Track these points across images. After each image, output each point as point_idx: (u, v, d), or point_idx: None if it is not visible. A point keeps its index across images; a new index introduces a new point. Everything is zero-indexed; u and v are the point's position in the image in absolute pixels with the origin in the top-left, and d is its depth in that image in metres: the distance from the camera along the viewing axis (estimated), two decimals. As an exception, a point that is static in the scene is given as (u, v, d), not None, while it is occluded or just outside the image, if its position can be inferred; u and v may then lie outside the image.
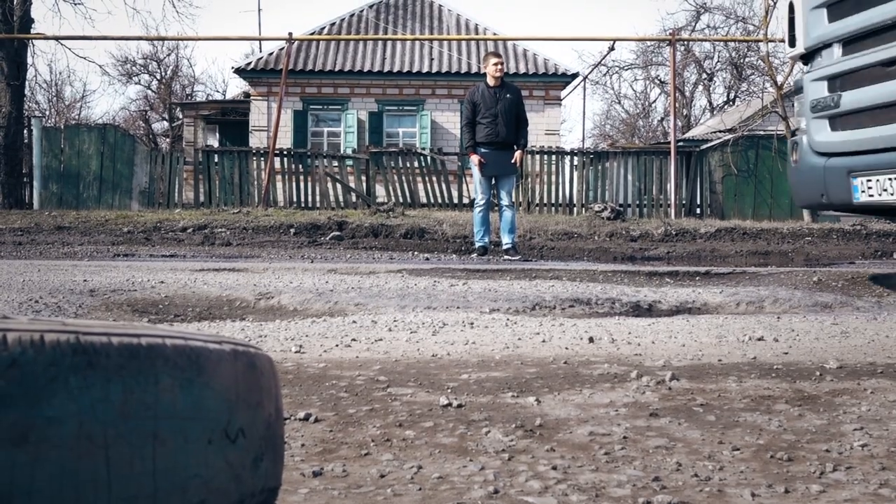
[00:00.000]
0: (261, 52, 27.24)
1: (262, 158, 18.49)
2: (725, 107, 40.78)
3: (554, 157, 19.16)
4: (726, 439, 2.19)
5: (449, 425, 2.32)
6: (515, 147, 10.22)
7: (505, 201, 10.36)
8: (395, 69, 25.40)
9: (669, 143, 19.23)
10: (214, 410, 1.09)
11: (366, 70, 25.19)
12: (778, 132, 19.34)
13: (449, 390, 2.74)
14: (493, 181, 10.30)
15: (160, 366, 1.03)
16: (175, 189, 19.08)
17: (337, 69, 25.28)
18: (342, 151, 23.23)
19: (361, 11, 27.76)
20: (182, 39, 38.96)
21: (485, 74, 10.51)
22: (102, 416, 0.95)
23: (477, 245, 10.46)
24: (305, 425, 2.32)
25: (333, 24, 27.11)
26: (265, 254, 9.93)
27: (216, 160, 18.77)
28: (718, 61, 41.20)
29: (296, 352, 3.46)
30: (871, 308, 5.16)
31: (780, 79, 19.69)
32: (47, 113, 41.11)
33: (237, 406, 1.13)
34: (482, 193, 10.30)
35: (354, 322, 4.34)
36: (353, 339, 3.76)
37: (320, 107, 25.68)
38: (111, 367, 0.97)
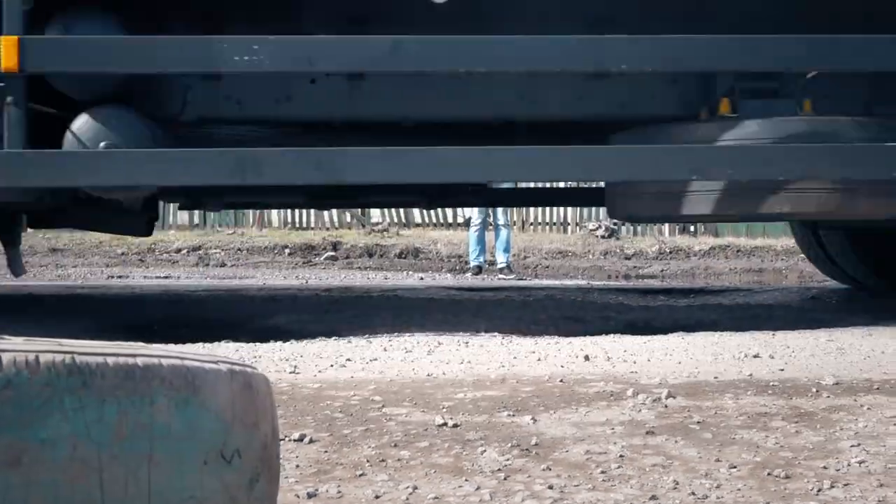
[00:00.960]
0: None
1: (256, 179, 18.44)
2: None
3: (548, 175, 19.15)
4: (723, 457, 2.19)
5: (444, 445, 2.31)
6: None
7: (500, 220, 10.37)
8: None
9: (663, 161, 19.26)
10: (210, 431, 1.09)
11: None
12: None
13: (444, 410, 2.73)
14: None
15: (156, 386, 1.02)
16: (169, 210, 19.05)
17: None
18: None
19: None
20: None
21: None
22: (97, 437, 0.95)
23: (472, 264, 10.46)
24: (300, 446, 2.31)
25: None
26: (260, 274, 9.92)
27: (210, 181, 18.74)
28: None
29: (290, 372, 3.45)
30: (865, 324, 5.16)
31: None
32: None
33: (233, 427, 1.13)
34: (478, 213, 10.31)
35: (349, 342, 4.33)
36: (348, 359, 3.75)
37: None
38: (106, 387, 0.97)
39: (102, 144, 4.32)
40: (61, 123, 4.49)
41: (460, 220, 18.33)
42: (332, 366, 3.61)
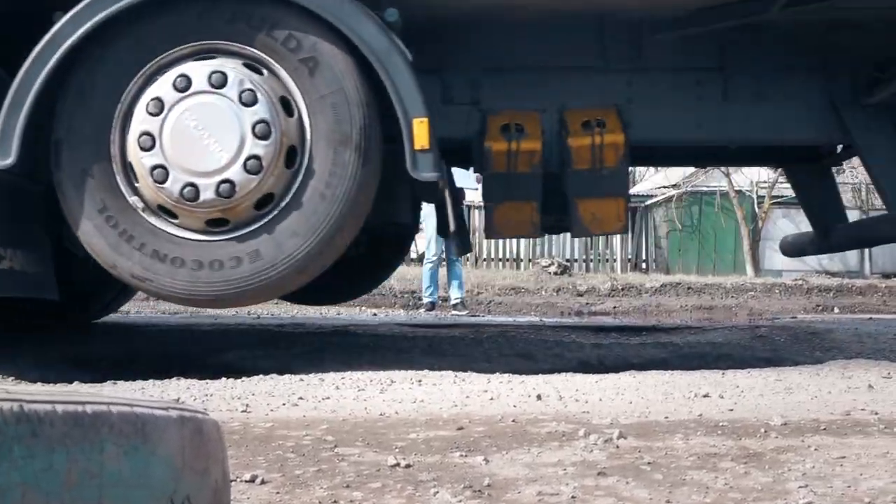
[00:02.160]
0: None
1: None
2: (669, 163, 41.37)
3: (501, 212, 19.25)
4: (673, 498, 2.20)
5: (397, 486, 2.30)
6: None
7: (454, 256, 10.40)
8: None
9: (615, 198, 19.45)
10: (160, 478, 1.08)
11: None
12: (721, 188, 19.68)
13: (397, 450, 2.72)
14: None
15: (105, 433, 1.01)
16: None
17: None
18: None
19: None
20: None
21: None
22: (46, 486, 0.94)
23: (425, 300, 10.47)
24: (252, 487, 2.29)
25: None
26: (211, 310, 9.83)
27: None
28: (662, 118, 41.89)
29: (242, 411, 3.42)
30: (813, 363, 5.23)
31: (722, 136, 20.07)
32: None
33: (183, 473, 1.12)
34: (434, 249, 10.34)
35: (301, 380, 4.30)
36: (301, 398, 3.72)
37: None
38: (55, 435, 0.96)
39: None
40: None
41: (414, 255, 18.36)
42: (284, 404, 3.58)
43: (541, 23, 5.01)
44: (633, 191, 32.35)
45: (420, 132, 4.14)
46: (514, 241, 19.19)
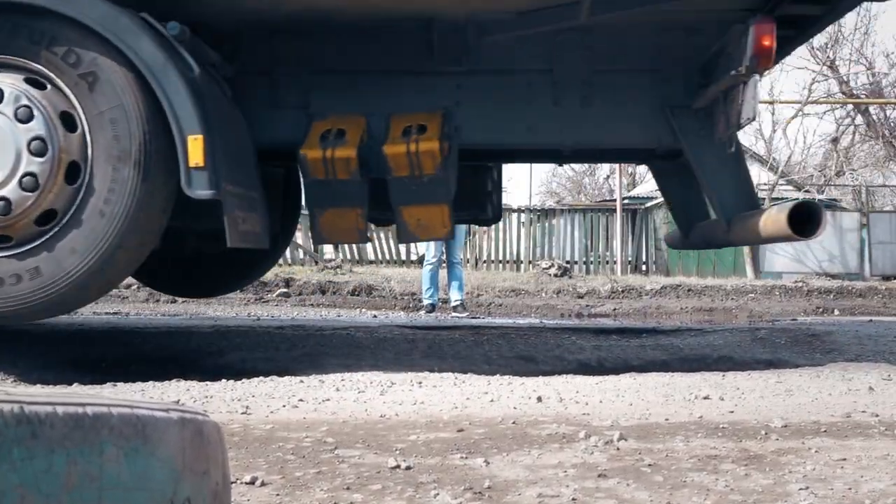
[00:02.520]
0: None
1: (209, 214, 18.33)
2: (669, 165, 41.35)
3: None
4: (674, 500, 2.20)
5: (397, 488, 2.30)
6: None
7: (455, 258, 10.40)
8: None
9: (615, 200, 19.48)
10: (160, 480, 1.07)
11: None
12: (721, 190, 19.64)
13: (397, 452, 2.72)
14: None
15: (105, 435, 1.01)
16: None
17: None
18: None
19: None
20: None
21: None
22: (46, 488, 0.93)
23: (426, 302, 10.46)
24: (252, 489, 2.29)
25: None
26: (211, 311, 9.84)
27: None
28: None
29: (242, 413, 3.42)
30: (813, 365, 5.23)
31: (721, 138, 20.06)
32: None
33: (183, 476, 1.12)
34: (434, 251, 10.34)
35: (301, 381, 4.30)
36: (301, 400, 3.72)
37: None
38: (55, 437, 0.96)
39: None
40: None
41: (413, 257, 18.35)
42: (284, 406, 3.58)
43: (366, 26, 4.98)
44: (632, 193, 32.41)
45: (194, 149, 4.11)
46: (515, 243, 19.19)
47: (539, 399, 3.75)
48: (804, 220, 4.49)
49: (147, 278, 7.26)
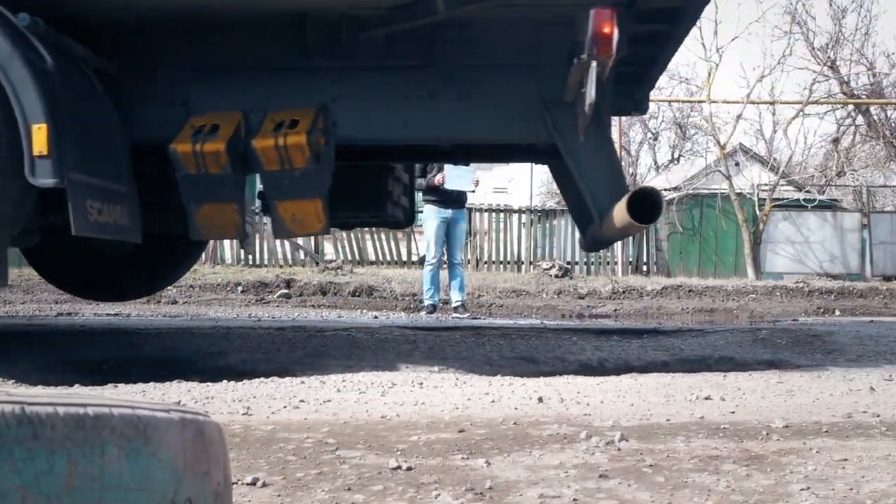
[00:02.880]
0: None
1: (210, 215, 18.32)
2: (670, 165, 41.38)
3: (502, 214, 19.27)
4: (675, 500, 2.20)
5: (398, 489, 2.30)
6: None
7: (456, 259, 10.40)
8: (345, 127, 25.43)
9: (616, 201, 19.45)
10: (161, 481, 1.07)
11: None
12: (722, 191, 19.68)
13: (398, 452, 2.72)
14: (445, 239, 10.35)
15: (106, 436, 1.01)
16: (121, 246, 18.83)
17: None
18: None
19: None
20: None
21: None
22: (47, 488, 0.93)
23: (426, 303, 10.46)
24: (253, 490, 2.29)
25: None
26: (212, 312, 9.84)
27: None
28: (663, 121, 41.89)
29: (243, 414, 3.42)
30: (814, 366, 5.23)
31: (722, 138, 20.09)
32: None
33: (184, 476, 1.12)
34: (434, 251, 10.34)
35: (302, 382, 4.30)
36: (302, 401, 3.72)
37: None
38: (56, 438, 0.96)
39: None
40: None
41: (414, 258, 18.35)
42: (285, 407, 3.58)
43: (244, 23, 4.98)
44: (633, 193, 32.38)
45: (38, 138, 4.10)
46: (516, 243, 19.17)
47: (540, 400, 3.75)
48: (645, 208, 4.47)
49: (55, 279, 7.23)
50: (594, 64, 4.12)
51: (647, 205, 4.44)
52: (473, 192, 10.45)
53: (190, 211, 4.88)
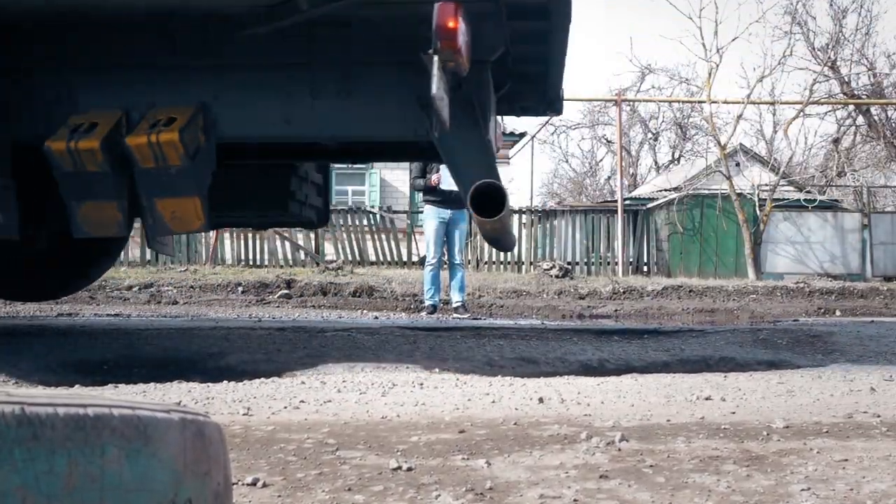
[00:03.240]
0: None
1: (210, 216, 18.34)
2: (671, 166, 41.41)
3: (503, 215, 19.24)
4: (675, 501, 2.20)
5: (399, 489, 2.30)
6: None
7: (456, 259, 10.40)
8: (345, 127, 25.43)
9: (616, 201, 19.48)
10: (161, 482, 1.07)
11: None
12: (722, 191, 19.68)
13: (399, 453, 2.72)
14: (445, 239, 10.35)
15: (106, 436, 1.01)
16: (121, 246, 18.82)
17: (286, 127, 25.26)
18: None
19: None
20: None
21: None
22: (47, 489, 0.93)
23: (427, 303, 10.46)
24: (253, 490, 2.29)
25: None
26: (213, 312, 9.84)
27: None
28: (663, 121, 41.95)
29: (243, 414, 3.42)
30: (815, 366, 5.23)
31: (723, 139, 20.08)
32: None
33: (185, 476, 1.12)
34: (434, 252, 10.34)
35: (303, 383, 4.30)
36: (302, 401, 3.72)
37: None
38: (56, 438, 0.96)
39: None
40: None
41: (415, 258, 18.35)
42: (285, 407, 3.58)
43: (117, 23, 4.98)
44: (634, 194, 32.40)
45: None
46: (516, 244, 19.18)
47: (541, 400, 3.75)
48: (488, 202, 4.46)
49: None
50: (436, 59, 4.10)
51: (492, 199, 4.43)
52: None
53: (71, 209, 4.87)
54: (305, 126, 5.11)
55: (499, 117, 5.92)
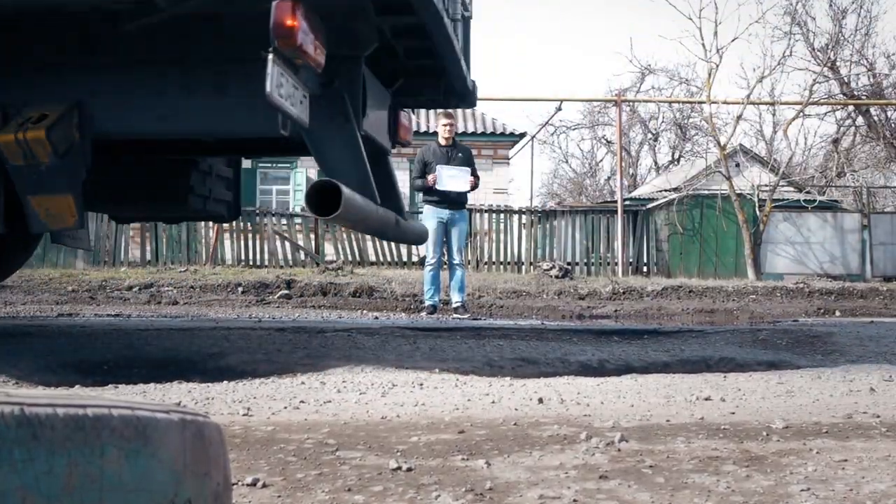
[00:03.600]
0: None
1: (210, 216, 18.33)
2: (670, 166, 41.43)
3: (502, 215, 19.29)
4: (675, 501, 2.20)
5: (399, 489, 2.30)
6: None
7: (456, 260, 10.40)
8: (345, 128, 25.43)
9: (616, 201, 19.48)
10: (161, 482, 1.08)
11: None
12: (722, 191, 19.68)
13: (398, 453, 2.72)
14: (445, 239, 10.35)
15: (106, 437, 1.01)
16: (121, 247, 18.85)
17: (286, 127, 25.26)
18: (291, 210, 23.19)
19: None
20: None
21: (436, 133, 10.65)
22: (46, 489, 0.93)
23: (427, 304, 10.46)
24: (253, 490, 2.29)
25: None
26: (213, 312, 9.84)
27: (163, 218, 18.57)
28: (663, 122, 41.98)
29: (243, 414, 3.42)
30: (815, 366, 5.23)
31: (723, 139, 20.08)
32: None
33: (184, 477, 1.12)
34: (433, 252, 10.34)
35: (303, 383, 4.30)
36: (302, 401, 3.72)
37: (269, 165, 25.65)
38: (56, 438, 0.96)
39: None
40: None
41: (415, 258, 18.35)
42: (285, 408, 3.58)
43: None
44: (634, 194, 32.39)
45: None
46: (516, 244, 19.17)
47: (540, 400, 3.75)
48: (327, 199, 4.46)
49: None
50: (271, 57, 4.10)
51: (331, 197, 4.43)
52: (467, 191, 10.42)
53: None
54: (180, 122, 5.13)
55: (498, 118, 5.91)
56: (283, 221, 19.12)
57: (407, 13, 4.80)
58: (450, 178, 10.20)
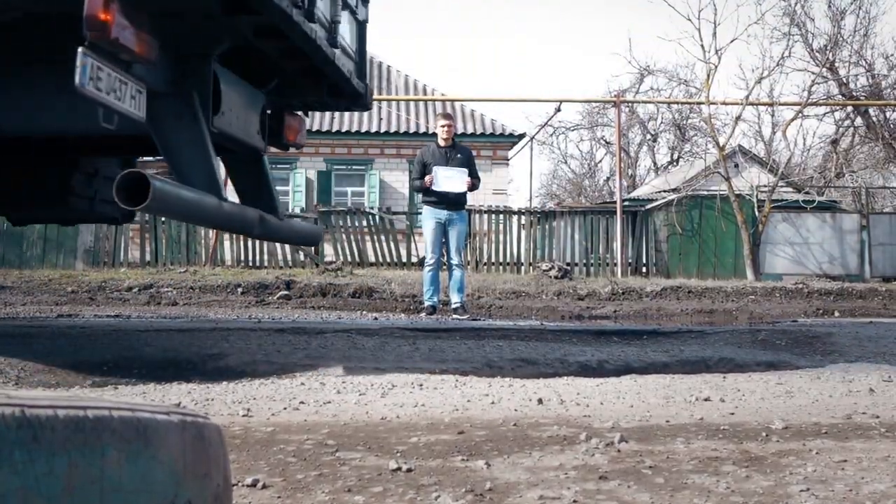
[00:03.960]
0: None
1: (210, 217, 18.32)
2: (669, 167, 41.42)
3: (502, 216, 19.28)
4: (675, 502, 2.20)
5: (399, 490, 2.30)
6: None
7: (455, 260, 10.39)
8: (344, 129, 25.48)
9: (615, 202, 19.47)
10: (161, 483, 1.07)
11: (314, 129, 25.21)
12: (721, 192, 19.67)
13: (398, 454, 2.72)
14: (444, 240, 10.35)
15: (106, 438, 1.01)
16: (120, 248, 18.84)
17: (285, 128, 25.23)
18: (290, 211, 23.17)
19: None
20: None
21: (435, 134, 10.65)
22: (47, 491, 0.93)
23: (426, 304, 10.45)
24: (253, 491, 2.29)
25: (282, 83, 27.12)
26: (212, 313, 9.83)
27: (163, 218, 18.58)
28: (662, 122, 41.99)
29: (243, 415, 3.42)
30: (814, 367, 5.23)
31: (721, 140, 20.08)
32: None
33: (184, 478, 1.12)
34: (433, 253, 10.34)
35: (303, 384, 4.30)
36: (302, 402, 3.72)
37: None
38: (56, 440, 0.96)
39: None
40: None
41: (414, 259, 18.35)
42: (285, 409, 3.58)
43: None
44: (633, 195, 32.38)
45: None
46: (515, 245, 19.16)
47: (540, 401, 3.75)
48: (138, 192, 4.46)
49: None
50: (80, 50, 4.09)
51: (140, 188, 4.42)
52: (463, 191, 10.40)
53: None
54: (27, 120, 5.15)
55: (498, 119, 5.84)
56: (283, 222, 19.07)
57: (254, 12, 4.78)
58: (446, 179, 10.20)
